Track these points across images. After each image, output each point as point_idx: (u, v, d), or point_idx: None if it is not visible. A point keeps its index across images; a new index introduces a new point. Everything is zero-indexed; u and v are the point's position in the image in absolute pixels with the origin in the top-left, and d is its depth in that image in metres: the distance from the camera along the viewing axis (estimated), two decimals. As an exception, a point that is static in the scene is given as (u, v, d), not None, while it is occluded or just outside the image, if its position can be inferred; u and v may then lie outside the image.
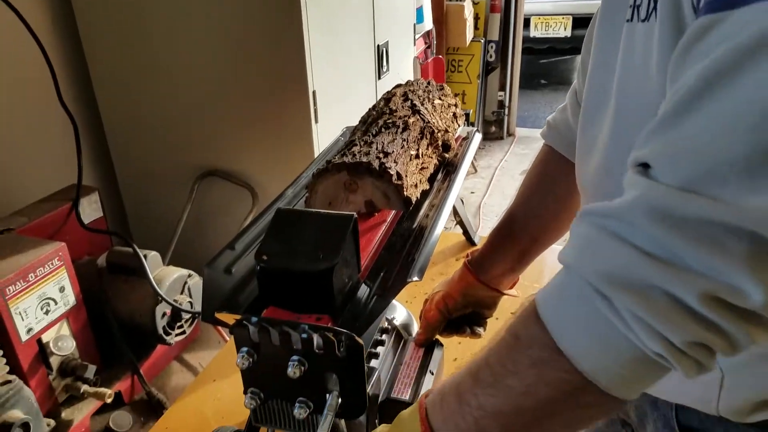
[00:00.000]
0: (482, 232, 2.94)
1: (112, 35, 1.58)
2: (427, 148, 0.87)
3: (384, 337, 0.84)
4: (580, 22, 4.59)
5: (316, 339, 0.56)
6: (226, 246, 0.76)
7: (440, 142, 0.92)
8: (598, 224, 0.39)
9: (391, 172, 0.73)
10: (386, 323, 0.86)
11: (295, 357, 0.57)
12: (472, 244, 1.39)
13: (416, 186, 0.79)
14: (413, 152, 0.82)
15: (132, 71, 1.61)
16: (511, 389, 0.43)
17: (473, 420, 0.45)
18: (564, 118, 0.76)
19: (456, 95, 1.06)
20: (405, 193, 0.74)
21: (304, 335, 0.56)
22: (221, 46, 1.50)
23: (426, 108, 0.92)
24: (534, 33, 4.66)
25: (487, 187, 3.39)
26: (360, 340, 0.54)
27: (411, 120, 0.86)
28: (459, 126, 1.04)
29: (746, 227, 0.34)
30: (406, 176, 0.75)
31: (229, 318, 0.59)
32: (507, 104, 4.02)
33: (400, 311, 0.90)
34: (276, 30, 1.43)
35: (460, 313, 0.84)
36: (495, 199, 3.28)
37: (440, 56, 1.13)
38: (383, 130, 0.84)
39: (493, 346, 0.46)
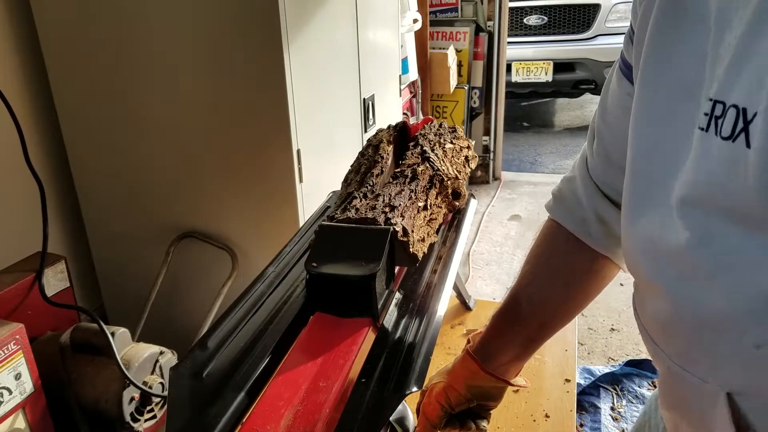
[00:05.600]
0: (472, 281, 2.86)
1: (87, 93, 1.51)
2: (437, 198, 0.82)
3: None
4: (561, 66, 4.67)
5: (299, 476, 0.47)
6: (196, 344, 0.67)
7: (450, 190, 0.87)
8: None
9: (397, 228, 0.68)
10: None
11: (273, 498, 0.48)
12: (467, 309, 1.31)
13: (423, 240, 0.75)
14: (421, 204, 0.77)
15: (108, 129, 1.54)
16: None
17: None
18: (572, 189, 0.70)
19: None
20: (411, 249, 0.70)
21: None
22: (201, 103, 1.44)
23: (436, 154, 0.87)
24: (516, 78, 4.72)
25: (476, 234, 3.33)
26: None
27: (420, 168, 0.82)
28: (471, 169, 0.99)
29: None
30: (412, 231, 0.71)
31: (195, 450, 0.50)
32: (492, 149, 4.02)
33: (394, 402, 0.81)
34: (258, 86, 1.37)
35: (463, 408, 0.76)
36: (484, 246, 3.22)
37: (431, 117, 1.10)
38: (391, 180, 0.80)
39: None
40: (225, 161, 1.47)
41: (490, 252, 3.17)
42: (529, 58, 4.72)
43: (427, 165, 0.84)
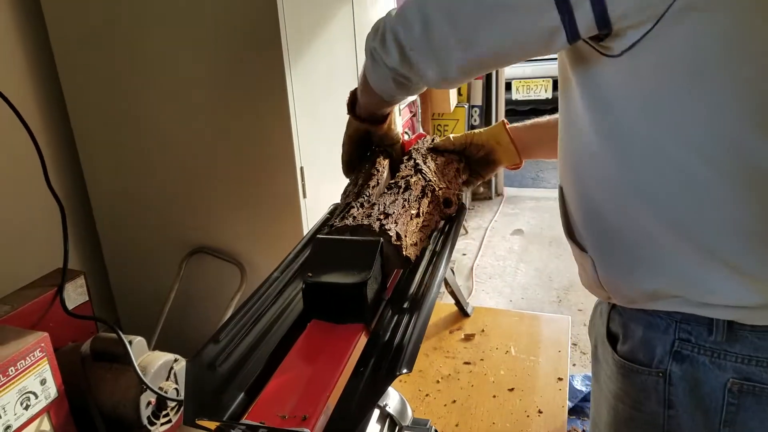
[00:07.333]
0: (476, 295, 2.91)
1: (101, 117, 1.61)
2: (429, 206, 0.89)
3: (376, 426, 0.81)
4: (560, 83, 4.76)
5: (303, 446, 0.53)
6: (210, 339, 0.74)
7: (441, 199, 0.94)
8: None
9: (391, 233, 0.74)
10: (377, 410, 0.83)
11: (281, 466, 0.54)
12: (465, 315, 1.37)
13: (416, 244, 0.82)
14: (414, 211, 0.84)
15: (122, 152, 1.63)
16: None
17: None
18: None
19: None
20: (404, 252, 0.76)
21: (290, 442, 0.53)
22: (210, 126, 1.53)
23: (428, 166, 0.95)
24: (516, 96, 4.82)
25: (479, 249, 3.39)
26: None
27: (413, 179, 0.89)
28: (462, 180, 1.06)
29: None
30: (405, 236, 0.78)
31: (210, 424, 0.56)
32: (494, 165, 4.09)
33: (393, 396, 0.88)
34: (262, 107, 1.46)
35: (477, 150, 1.04)
36: (487, 260, 3.28)
37: (423, 132, 1.17)
38: (386, 191, 0.87)
39: None
40: (233, 180, 1.55)
41: (493, 266, 3.22)
42: (528, 76, 4.82)
43: (420, 176, 0.91)
